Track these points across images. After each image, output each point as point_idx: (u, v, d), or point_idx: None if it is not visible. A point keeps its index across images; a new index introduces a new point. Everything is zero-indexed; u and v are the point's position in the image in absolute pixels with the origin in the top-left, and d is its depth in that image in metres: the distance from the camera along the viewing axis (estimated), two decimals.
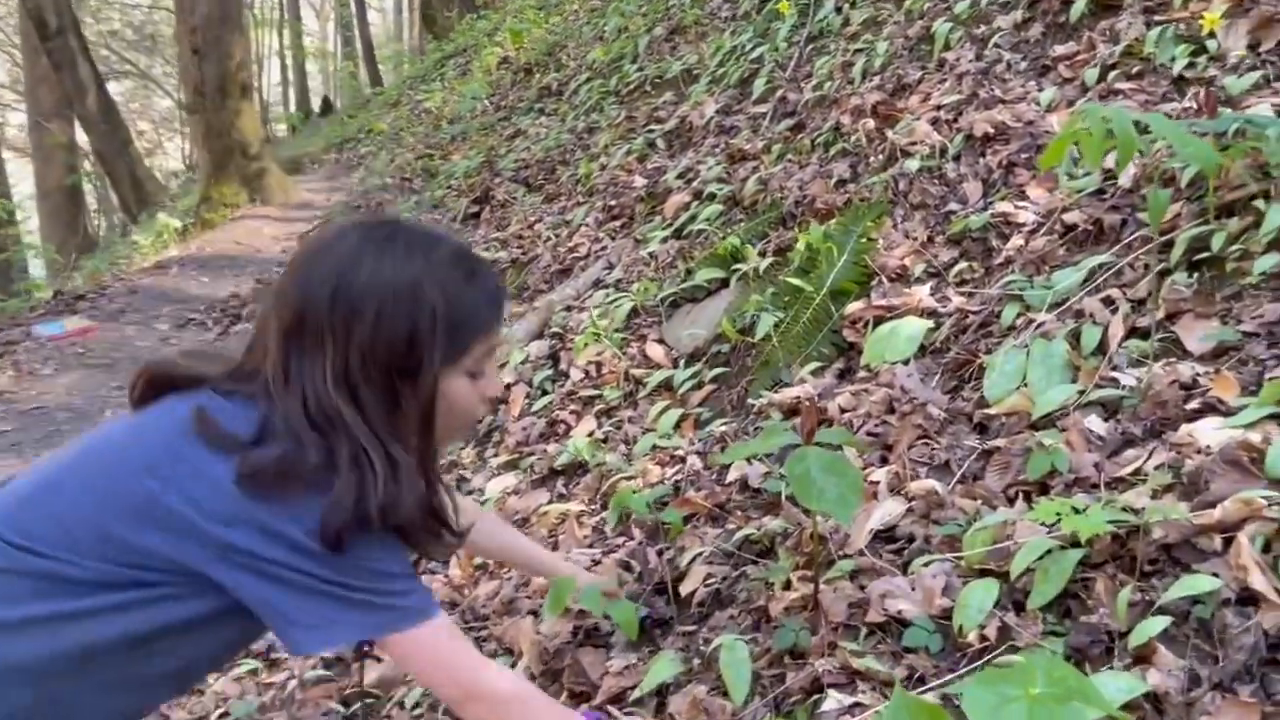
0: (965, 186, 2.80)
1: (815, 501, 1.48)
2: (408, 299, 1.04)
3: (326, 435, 1.02)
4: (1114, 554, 1.49)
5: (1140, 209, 2.34)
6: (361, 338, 1.03)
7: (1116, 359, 1.89)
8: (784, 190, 3.33)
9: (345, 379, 1.03)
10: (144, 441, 1.04)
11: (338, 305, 1.03)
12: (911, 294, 2.46)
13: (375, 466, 1.02)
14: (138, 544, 1.01)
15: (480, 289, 1.10)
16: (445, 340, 1.06)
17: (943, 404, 2.05)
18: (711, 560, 1.95)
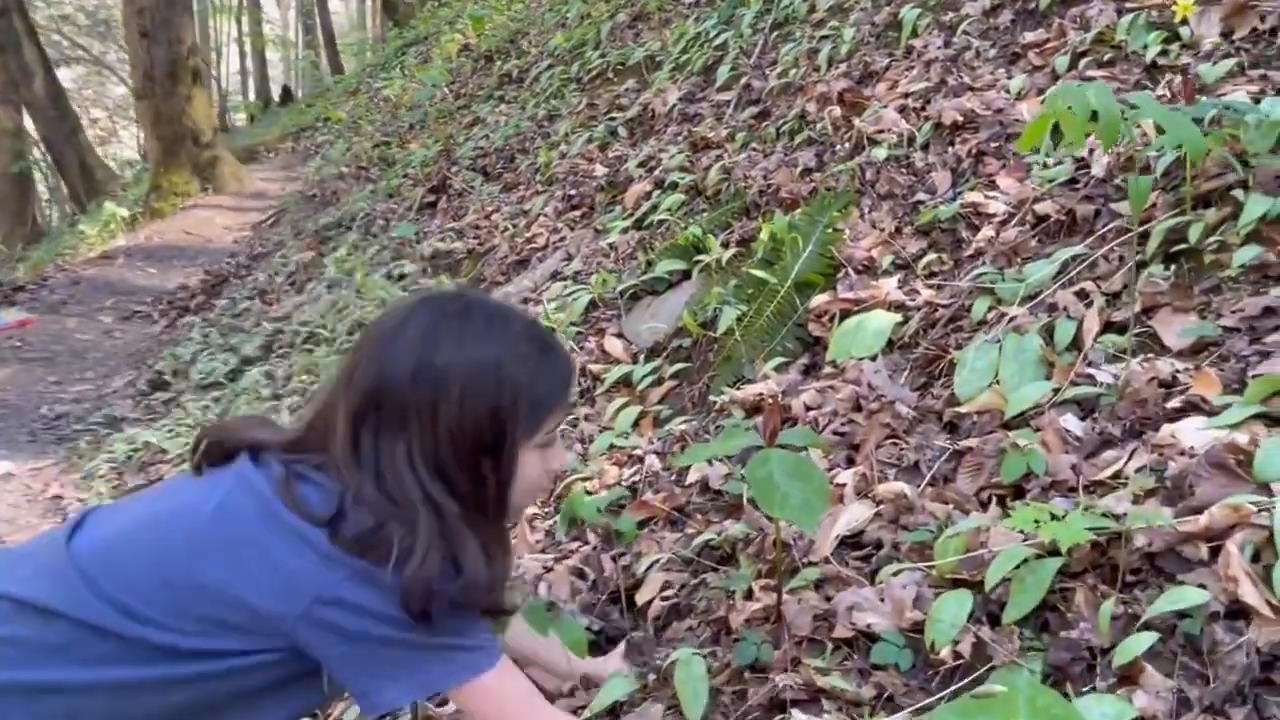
0: (934, 176, 2.76)
1: (778, 508, 1.39)
2: (492, 377, 1.05)
3: (406, 512, 1.04)
4: (1094, 562, 1.42)
5: (1114, 199, 2.28)
6: (449, 418, 1.04)
7: (1092, 355, 1.85)
8: (748, 179, 3.28)
9: (434, 458, 1.04)
10: (226, 511, 1.05)
11: (420, 386, 1.04)
12: (879, 286, 2.41)
13: (461, 545, 1.05)
14: (221, 612, 1.03)
15: (555, 363, 1.12)
16: (526, 416, 1.07)
17: (911, 402, 2.00)
18: (670, 567, 1.89)
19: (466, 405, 1.04)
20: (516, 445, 1.08)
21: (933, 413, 1.95)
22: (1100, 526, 1.37)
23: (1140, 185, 1.58)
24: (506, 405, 1.06)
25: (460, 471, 1.06)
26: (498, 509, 1.12)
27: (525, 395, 1.07)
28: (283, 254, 6.64)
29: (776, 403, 1.49)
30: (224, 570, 1.02)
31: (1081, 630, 1.33)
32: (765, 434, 1.51)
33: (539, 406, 1.09)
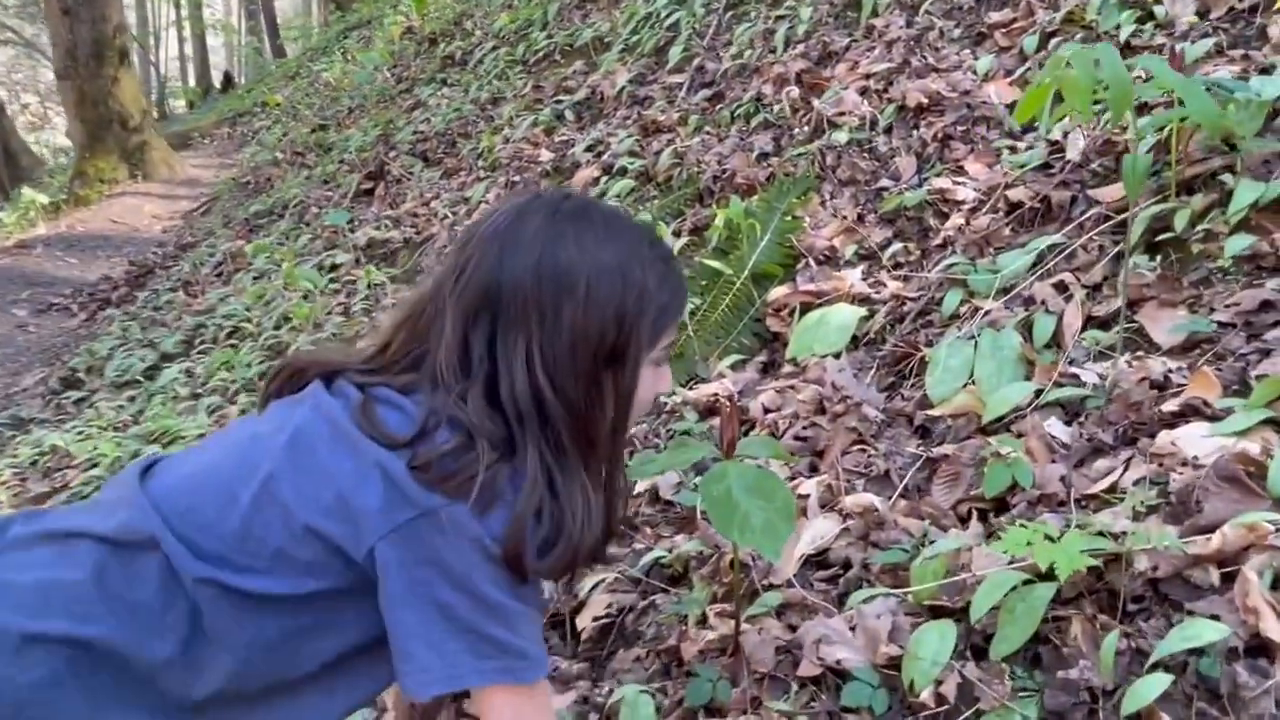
0: (898, 161, 2.70)
1: (738, 533, 1.24)
2: (617, 278, 0.99)
3: (512, 430, 0.96)
4: (1089, 588, 1.29)
5: (1091, 184, 2.19)
6: (573, 319, 0.97)
7: (1075, 353, 1.78)
8: (701, 164, 3.21)
9: (553, 365, 0.97)
10: (300, 440, 0.99)
11: (544, 283, 0.97)
12: (842, 278, 2.33)
13: (572, 478, 0.97)
14: (295, 548, 0.96)
15: (676, 271, 1.06)
16: (650, 323, 1.01)
17: (879, 403, 1.92)
18: (615, 588, 1.78)
19: (592, 306, 0.97)
20: (641, 354, 1.01)
21: (903, 415, 1.87)
22: (1097, 548, 1.25)
23: (1137, 165, 1.43)
24: (632, 309, 0.99)
25: (579, 384, 0.98)
26: (615, 432, 1.03)
27: (651, 300, 1.00)
28: (210, 243, 6.33)
29: (734, 408, 1.35)
30: (296, 503, 0.95)
31: (1081, 669, 1.18)
32: (722, 444, 1.36)
33: (662, 315, 1.02)
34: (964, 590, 1.35)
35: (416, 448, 0.94)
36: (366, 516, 0.93)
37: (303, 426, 1.00)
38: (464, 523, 0.93)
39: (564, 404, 0.97)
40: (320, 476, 0.96)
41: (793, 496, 1.29)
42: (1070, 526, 1.32)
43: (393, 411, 0.98)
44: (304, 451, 0.98)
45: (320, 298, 4.03)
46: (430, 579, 0.93)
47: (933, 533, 1.51)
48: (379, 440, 0.95)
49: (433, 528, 0.93)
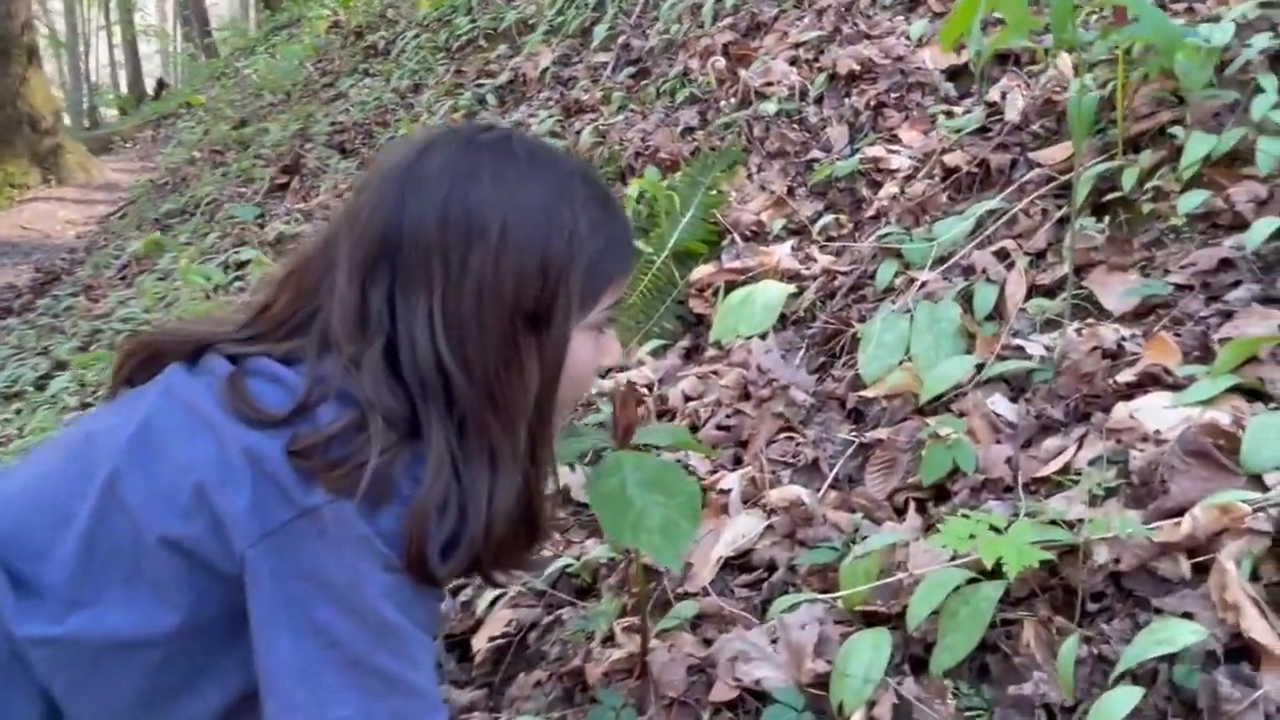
0: (829, 131, 2.58)
1: (630, 534, 1.08)
2: (541, 219, 0.86)
3: (415, 406, 0.83)
4: (1043, 584, 1.15)
5: (1032, 146, 2.08)
6: (483, 266, 0.83)
7: (1019, 323, 1.67)
8: (624, 142, 3.06)
9: (459, 325, 0.83)
10: (147, 434, 0.84)
11: (450, 224, 0.84)
12: (769, 253, 2.23)
13: (480, 460, 0.83)
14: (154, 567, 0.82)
15: (618, 218, 0.93)
16: (583, 280, 0.87)
17: (809, 386, 1.81)
18: (518, 602, 1.66)
19: (507, 254, 0.84)
20: (570, 317, 0.87)
21: (834, 398, 1.76)
22: (1051, 539, 1.11)
23: (1084, 107, 1.28)
24: (558, 258, 0.85)
25: (492, 350, 0.84)
26: (540, 411, 0.88)
27: (582, 248, 0.87)
28: (117, 245, 6.02)
29: (630, 390, 1.22)
30: (145, 510, 0.81)
31: (1036, 682, 1.02)
32: (616, 432, 1.20)
33: (597, 267, 0.88)
34: (900, 593, 1.21)
35: (296, 428, 0.80)
36: (233, 518, 0.79)
37: (152, 415, 0.85)
38: (351, 523, 0.78)
39: (472, 374, 0.83)
40: (173, 472, 0.81)
41: (698, 489, 1.14)
42: (1019, 515, 1.20)
43: (269, 385, 0.84)
44: (153, 445, 0.83)
45: (224, 295, 3.78)
46: (308, 595, 0.78)
47: (865, 527, 1.38)
48: (249, 420, 0.81)
49: (313, 531, 0.78)
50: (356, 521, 0.78)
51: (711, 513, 1.56)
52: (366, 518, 0.79)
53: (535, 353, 0.86)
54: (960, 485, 1.36)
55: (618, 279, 0.92)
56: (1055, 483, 1.28)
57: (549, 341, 0.87)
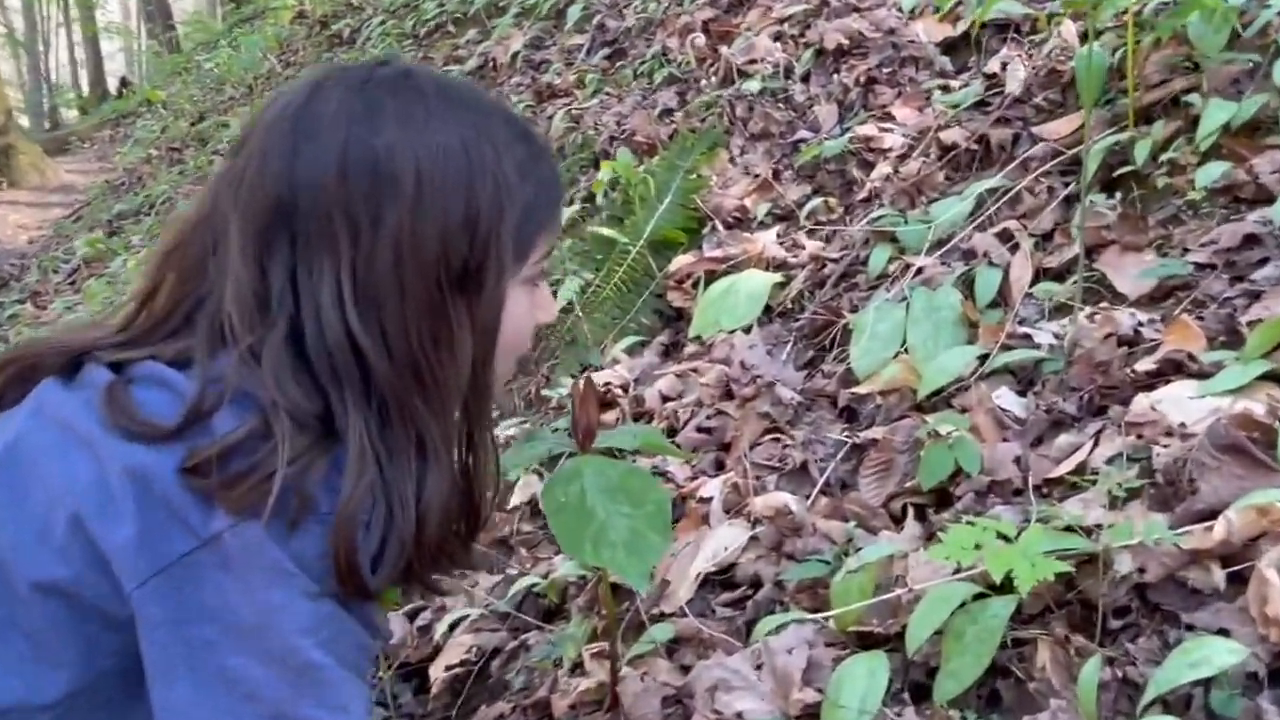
0: (817, 110, 2.55)
1: (589, 549, 1.02)
2: (462, 164, 0.78)
3: (327, 397, 0.74)
4: (1058, 599, 1.09)
5: (1035, 120, 2.03)
6: (400, 225, 0.75)
7: (1025, 309, 1.65)
8: (598, 126, 3.06)
9: (374, 296, 0.75)
10: (12, 459, 0.76)
11: (353, 177, 0.75)
12: (753, 241, 2.21)
13: (420, 444, 0.77)
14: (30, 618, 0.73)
15: (545, 160, 0.87)
16: (515, 229, 0.81)
17: (797, 383, 1.78)
18: (480, 626, 1.64)
19: (427, 206, 0.76)
20: (504, 275, 0.80)
21: (824, 396, 1.73)
22: (1067, 548, 1.05)
23: (1093, 72, 1.21)
24: (487, 209, 0.78)
25: (417, 322, 0.76)
26: (476, 385, 0.81)
27: (513, 195, 0.80)
28: (67, 249, 5.93)
29: (590, 387, 1.17)
30: (13, 550, 0.73)
31: (1054, 711, 0.96)
32: (576, 434, 1.14)
33: (531, 217, 0.82)
34: (898, 611, 1.15)
35: (190, 441, 0.71)
36: (117, 552, 0.70)
37: (20, 438, 0.77)
38: (259, 549, 0.70)
39: (393, 352, 0.75)
40: (45, 502, 0.73)
41: (668, 499, 1.10)
42: (1030, 522, 1.13)
43: (155, 391, 0.75)
44: (20, 472, 0.75)
45: None
46: (213, 640, 0.70)
47: (860, 537, 1.33)
48: (133, 435, 0.72)
49: (214, 562, 0.70)
50: (266, 546, 0.70)
51: (690, 524, 1.52)
52: (279, 541, 0.70)
53: (467, 320, 0.79)
54: (964, 489, 1.31)
55: (550, 226, 0.86)
56: (1070, 484, 1.22)
57: (482, 305, 0.79)
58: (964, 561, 1.01)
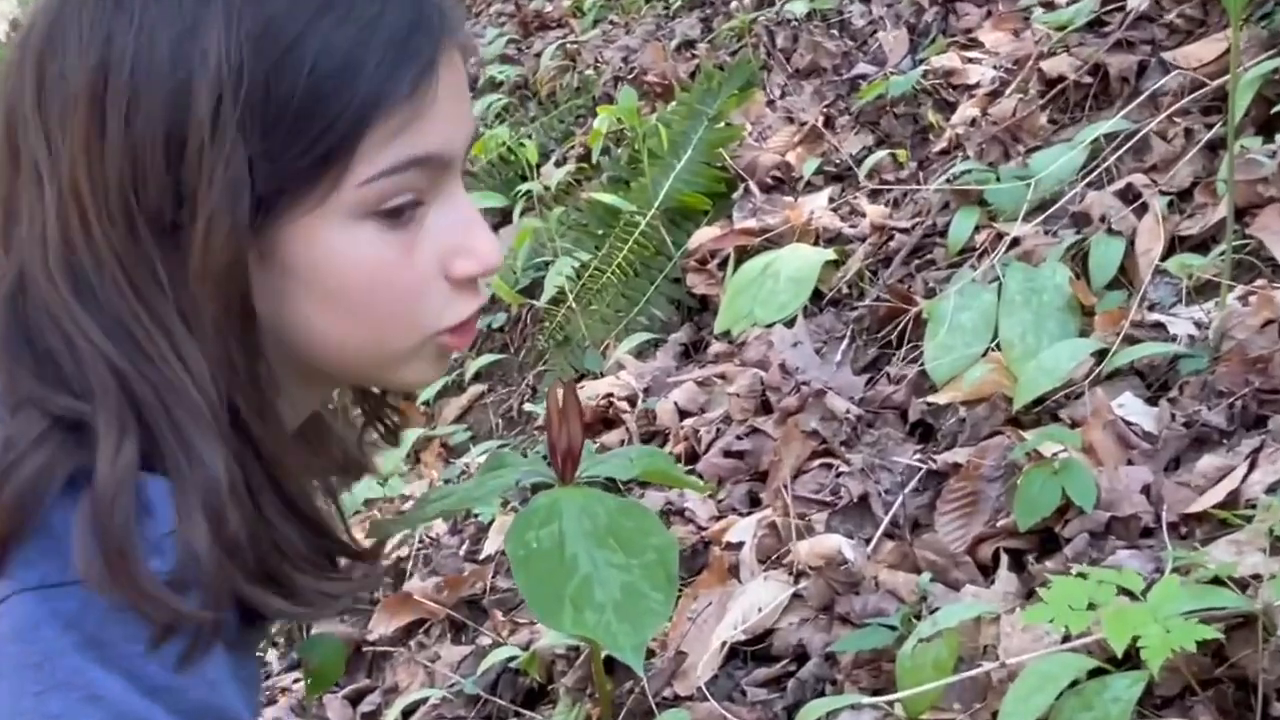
0: (881, 37, 2.69)
1: (568, 614, 1.00)
2: (165, 33, 0.74)
3: (73, 385, 0.75)
4: (1203, 677, 1.09)
5: (1167, 44, 2.08)
6: (80, 132, 0.74)
7: (1156, 291, 1.69)
8: (599, 64, 3.21)
9: (63, 237, 0.75)
10: None
11: (45, 76, 0.76)
12: (797, 207, 2.28)
13: (185, 443, 0.75)
14: None
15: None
16: (267, 113, 0.74)
17: (854, 391, 1.84)
18: (443, 713, 1.71)
19: (109, 96, 0.74)
20: (219, 186, 0.74)
21: (890, 408, 1.78)
22: (1213, 607, 1.06)
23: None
24: (203, 84, 0.73)
25: (111, 281, 0.75)
26: (242, 374, 0.78)
27: (264, 61, 0.74)
28: None
29: (572, 395, 1.15)
30: None
31: None
32: (555, 461, 1.12)
33: (324, 92, 0.75)
34: (987, 692, 1.18)
35: None
36: None
37: None
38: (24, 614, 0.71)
39: (105, 326, 0.74)
40: None
41: (674, 544, 1.07)
42: (1164, 572, 1.16)
43: None
44: None
45: None
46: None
47: (936, 594, 1.36)
48: None
49: None
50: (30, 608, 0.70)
51: (714, 577, 1.56)
52: (40, 597, 0.70)
53: (178, 270, 0.76)
54: (1074, 528, 1.34)
55: (396, 103, 0.77)
56: (1217, 521, 1.25)
57: (187, 243, 0.75)
58: (1074, 626, 1.03)
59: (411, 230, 0.79)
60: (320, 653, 1.26)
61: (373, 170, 0.76)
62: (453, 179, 0.81)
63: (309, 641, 1.36)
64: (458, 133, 0.80)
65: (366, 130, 0.75)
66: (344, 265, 0.78)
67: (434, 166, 0.79)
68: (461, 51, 0.83)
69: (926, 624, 1.25)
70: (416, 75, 0.77)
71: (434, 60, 0.78)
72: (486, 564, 1.92)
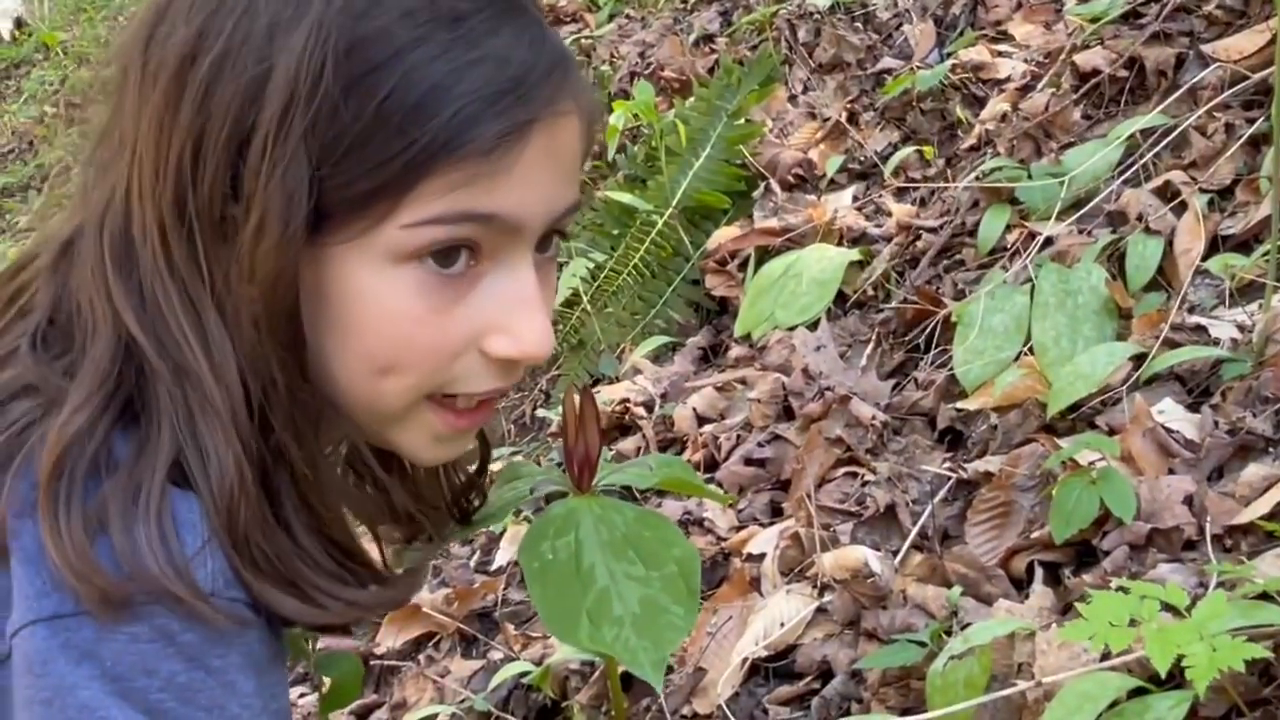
0: (907, 30, 2.69)
1: (585, 628, 0.99)
2: (264, 21, 0.73)
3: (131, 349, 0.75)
4: (1251, 695, 1.08)
5: (1206, 36, 2.06)
6: (160, 101, 0.75)
7: (1197, 292, 1.69)
8: (615, 59, 3.23)
9: (124, 204, 0.76)
10: None
11: (154, 35, 0.75)
12: (820, 206, 2.29)
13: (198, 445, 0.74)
14: None
15: (490, 20, 0.75)
16: (331, 130, 0.72)
17: (880, 397, 1.85)
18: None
19: (218, 76, 0.74)
20: (296, 214, 0.73)
21: (918, 414, 1.79)
22: (1262, 624, 1.05)
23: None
24: (280, 80, 0.72)
25: (155, 275, 0.76)
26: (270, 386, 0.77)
27: (346, 69, 0.73)
28: None
29: (589, 402, 1.13)
30: None
31: None
32: (571, 468, 1.12)
33: (395, 117, 0.73)
34: (1022, 712, 1.18)
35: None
36: None
37: None
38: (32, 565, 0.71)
39: (123, 285, 0.75)
40: None
41: (696, 556, 1.07)
42: (1208, 587, 1.16)
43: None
44: None
45: None
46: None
47: (968, 609, 1.36)
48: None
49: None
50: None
51: (735, 590, 1.56)
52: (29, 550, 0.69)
53: (228, 283, 0.75)
54: (1113, 541, 1.33)
55: (468, 152, 0.73)
56: (1264, 534, 1.24)
57: (257, 261, 0.73)
58: (1114, 644, 1.01)
59: (458, 292, 0.76)
60: (337, 670, 1.25)
61: (421, 215, 0.73)
62: (519, 249, 0.77)
63: (326, 658, 1.34)
64: (538, 202, 0.76)
65: (425, 175, 0.73)
66: (369, 305, 0.76)
67: (496, 229, 0.76)
68: (580, 120, 0.78)
69: (957, 640, 1.25)
70: (501, 134, 0.73)
71: (530, 123, 0.74)
72: (498, 575, 1.92)
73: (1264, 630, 1.03)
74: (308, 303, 0.76)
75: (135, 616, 0.67)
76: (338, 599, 0.80)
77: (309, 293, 0.76)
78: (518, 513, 1.88)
